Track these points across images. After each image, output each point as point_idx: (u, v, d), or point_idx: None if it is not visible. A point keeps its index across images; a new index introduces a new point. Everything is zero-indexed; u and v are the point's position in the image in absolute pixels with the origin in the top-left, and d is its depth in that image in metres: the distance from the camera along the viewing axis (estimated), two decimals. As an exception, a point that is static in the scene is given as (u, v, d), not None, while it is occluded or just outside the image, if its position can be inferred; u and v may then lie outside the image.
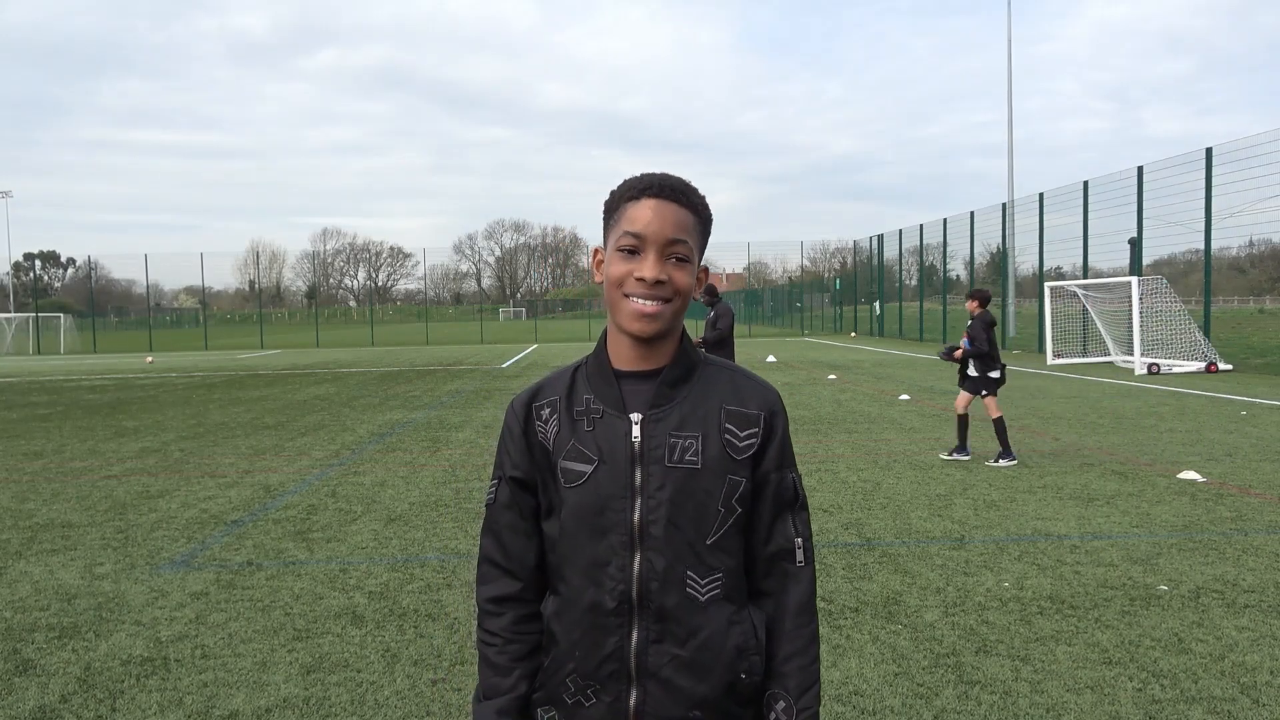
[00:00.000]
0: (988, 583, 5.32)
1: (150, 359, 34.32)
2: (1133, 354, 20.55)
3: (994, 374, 9.31)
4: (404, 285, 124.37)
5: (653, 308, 1.55)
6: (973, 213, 34.61)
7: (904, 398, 15.21)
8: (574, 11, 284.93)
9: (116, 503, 7.98)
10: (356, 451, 10.62)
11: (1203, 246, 21.80)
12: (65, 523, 7.26)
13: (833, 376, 20.05)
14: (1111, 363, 22.42)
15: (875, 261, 47.75)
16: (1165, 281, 21.47)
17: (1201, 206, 21.36)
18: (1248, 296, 61.48)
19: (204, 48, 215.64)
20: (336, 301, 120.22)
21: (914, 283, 44.46)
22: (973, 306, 9.52)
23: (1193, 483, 7.99)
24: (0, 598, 5.37)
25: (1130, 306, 20.79)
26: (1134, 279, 21.04)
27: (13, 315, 56.97)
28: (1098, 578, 5.38)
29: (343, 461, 9.94)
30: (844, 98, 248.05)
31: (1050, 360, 23.41)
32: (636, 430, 1.58)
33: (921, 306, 39.91)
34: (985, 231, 34.29)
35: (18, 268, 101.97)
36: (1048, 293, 24.97)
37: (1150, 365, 19.78)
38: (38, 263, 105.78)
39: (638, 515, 1.56)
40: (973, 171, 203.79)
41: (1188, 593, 5.09)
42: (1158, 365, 19.77)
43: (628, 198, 1.59)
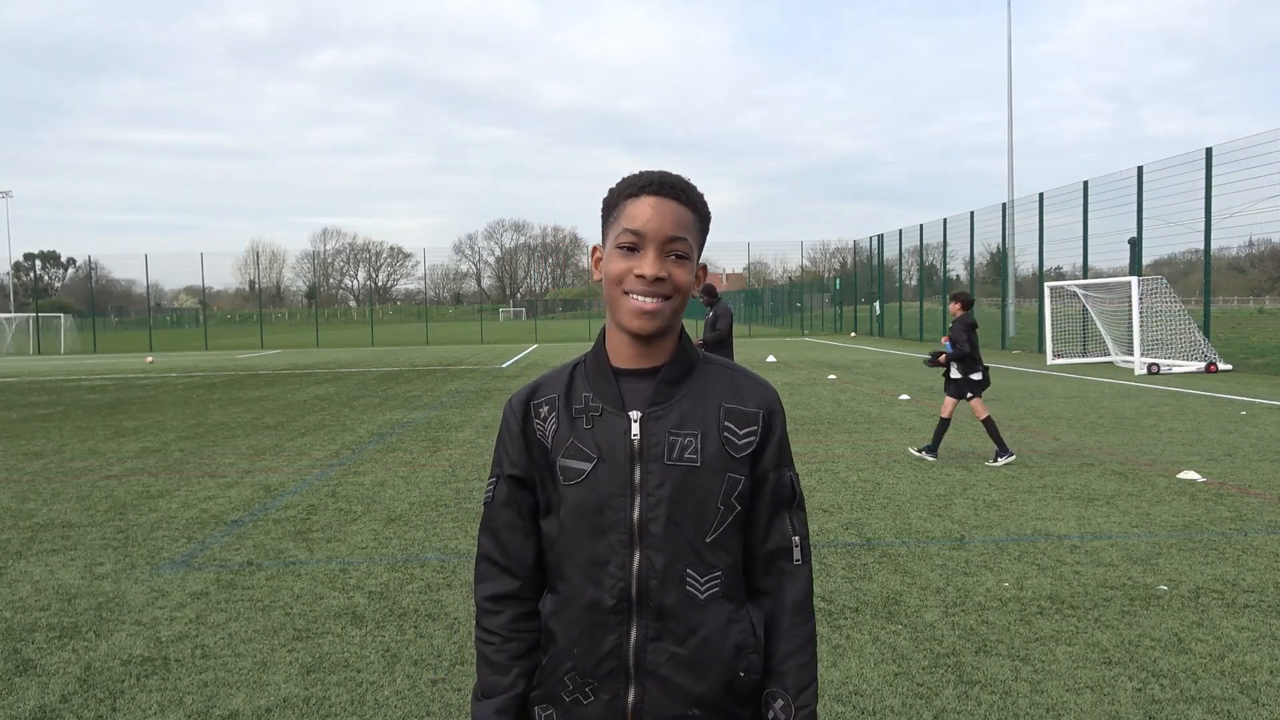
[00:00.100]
0: (988, 583, 5.32)
1: (150, 359, 34.32)
2: (1133, 354, 20.56)
3: (975, 376, 9.33)
4: (404, 285, 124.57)
5: (652, 305, 1.55)
6: (973, 213, 34.62)
7: (904, 398, 15.21)
8: (574, 11, 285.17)
9: (117, 503, 7.98)
10: (356, 451, 10.62)
11: (1202, 246, 21.81)
12: (65, 523, 7.26)
13: (833, 376, 20.05)
14: (1111, 363, 22.43)
15: (875, 261, 47.77)
16: (1165, 281, 21.47)
17: (1201, 206, 21.37)
18: (1247, 296, 61.42)
19: (204, 48, 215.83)
20: (336, 302, 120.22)
21: (914, 283, 44.46)
22: (955, 309, 9.55)
23: (1192, 483, 7.99)
24: (0, 598, 5.37)
25: (1130, 306, 20.80)
26: (1134, 279, 21.05)
27: (13, 315, 56.97)
28: (1098, 578, 5.38)
29: (343, 461, 9.94)
30: (844, 98, 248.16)
31: (1050, 360, 23.42)
32: (635, 428, 1.58)
33: (921, 307, 39.92)
34: (985, 231, 34.33)
35: (18, 268, 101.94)
36: (1048, 293, 24.98)
37: (1150, 365, 19.78)
38: (38, 263, 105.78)
39: (637, 513, 1.56)
40: (973, 171, 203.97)
41: (1187, 593, 5.09)
42: (1157, 365, 19.77)
43: (627, 195, 1.59)
